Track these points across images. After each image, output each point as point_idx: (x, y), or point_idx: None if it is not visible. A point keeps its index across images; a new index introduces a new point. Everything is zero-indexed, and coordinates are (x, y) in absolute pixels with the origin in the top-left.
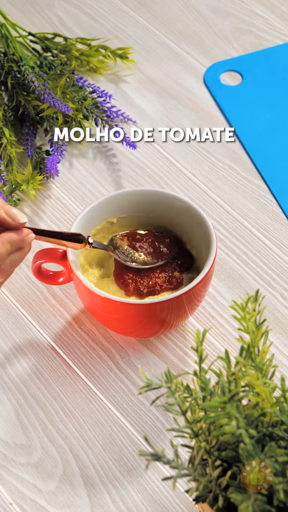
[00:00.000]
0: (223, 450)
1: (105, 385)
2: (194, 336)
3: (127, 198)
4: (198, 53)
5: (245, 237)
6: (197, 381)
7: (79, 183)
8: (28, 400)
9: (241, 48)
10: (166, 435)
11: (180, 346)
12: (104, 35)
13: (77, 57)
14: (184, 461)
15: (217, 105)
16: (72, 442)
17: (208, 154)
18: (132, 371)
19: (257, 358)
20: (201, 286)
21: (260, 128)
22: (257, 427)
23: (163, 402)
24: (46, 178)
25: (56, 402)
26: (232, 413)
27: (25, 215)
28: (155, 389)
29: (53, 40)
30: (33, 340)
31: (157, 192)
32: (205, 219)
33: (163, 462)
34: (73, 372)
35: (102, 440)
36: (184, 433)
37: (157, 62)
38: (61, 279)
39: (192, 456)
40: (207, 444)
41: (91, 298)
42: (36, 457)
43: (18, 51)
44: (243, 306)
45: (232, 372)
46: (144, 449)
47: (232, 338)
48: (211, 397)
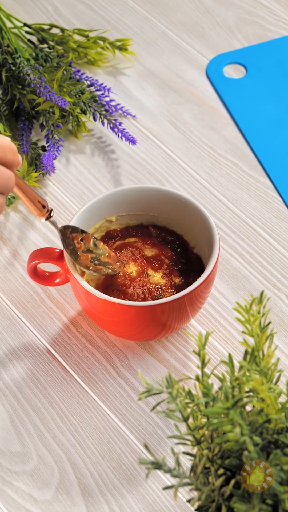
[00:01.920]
0: (226, 458)
1: (103, 391)
2: (196, 340)
3: (126, 195)
4: (200, 45)
5: (249, 236)
6: (199, 386)
7: (77, 180)
8: (24, 406)
9: (245, 39)
10: (167, 443)
11: (182, 350)
12: (103, 26)
13: (74, 49)
14: (185, 469)
15: (220, 98)
16: (69, 449)
17: (211, 150)
18: (132, 376)
19: (261, 362)
20: (203, 287)
21: (265, 123)
22: (262, 434)
23: (164, 408)
24: (42, 175)
25: (53, 408)
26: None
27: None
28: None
29: (50, 31)
30: (28, 344)
31: (158, 190)
32: (208, 217)
33: (164, 470)
34: (70, 377)
35: (100, 448)
36: (185, 440)
37: (157, 54)
38: (57, 280)
39: (194, 465)
40: (210, 452)
41: (89, 300)
42: (31, 466)
43: (13, 43)
44: (247, 308)
45: (235, 377)
46: (144, 457)
47: (235, 342)
48: (214, 403)
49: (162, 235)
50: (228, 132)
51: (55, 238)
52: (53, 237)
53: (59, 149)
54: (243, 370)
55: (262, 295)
